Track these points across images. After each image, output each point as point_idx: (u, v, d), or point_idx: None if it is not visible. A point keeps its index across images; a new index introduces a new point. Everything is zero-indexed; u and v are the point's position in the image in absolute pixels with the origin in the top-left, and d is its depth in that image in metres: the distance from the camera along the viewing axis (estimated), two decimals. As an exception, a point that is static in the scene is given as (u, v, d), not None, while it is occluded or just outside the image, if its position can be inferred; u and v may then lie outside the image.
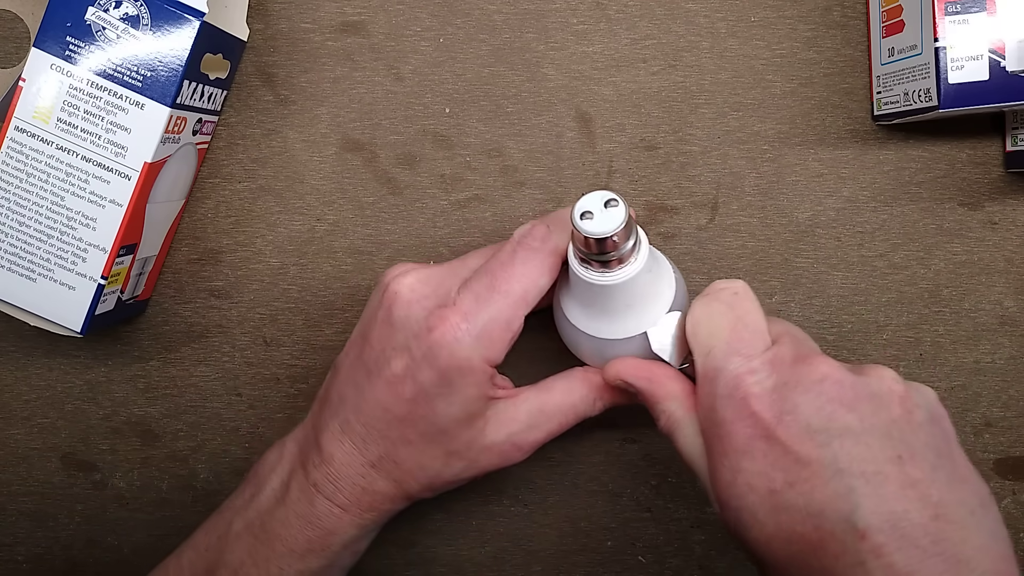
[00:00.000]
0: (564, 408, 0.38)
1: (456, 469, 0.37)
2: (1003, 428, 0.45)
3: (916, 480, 0.30)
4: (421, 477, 0.37)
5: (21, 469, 0.46)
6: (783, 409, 0.31)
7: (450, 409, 0.36)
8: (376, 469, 0.37)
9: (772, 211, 0.44)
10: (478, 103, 0.44)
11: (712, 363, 0.33)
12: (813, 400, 0.31)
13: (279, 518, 0.37)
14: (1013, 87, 0.38)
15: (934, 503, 0.29)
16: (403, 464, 0.37)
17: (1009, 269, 0.44)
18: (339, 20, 0.44)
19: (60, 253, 0.39)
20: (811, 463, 0.30)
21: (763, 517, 0.31)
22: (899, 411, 0.31)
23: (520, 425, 0.37)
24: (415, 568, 0.46)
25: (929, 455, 0.31)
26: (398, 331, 0.36)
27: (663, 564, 0.45)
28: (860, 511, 0.29)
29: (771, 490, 0.31)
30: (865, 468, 0.30)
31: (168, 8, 0.37)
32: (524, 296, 0.35)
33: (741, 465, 0.31)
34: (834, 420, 0.31)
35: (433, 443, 0.36)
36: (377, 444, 0.36)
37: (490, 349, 0.35)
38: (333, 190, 0.44)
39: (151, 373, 0.45)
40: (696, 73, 0.44)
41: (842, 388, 0.31)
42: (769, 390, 0.32)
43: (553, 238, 0.36)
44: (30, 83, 0.38)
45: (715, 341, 0.34)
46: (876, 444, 0.30)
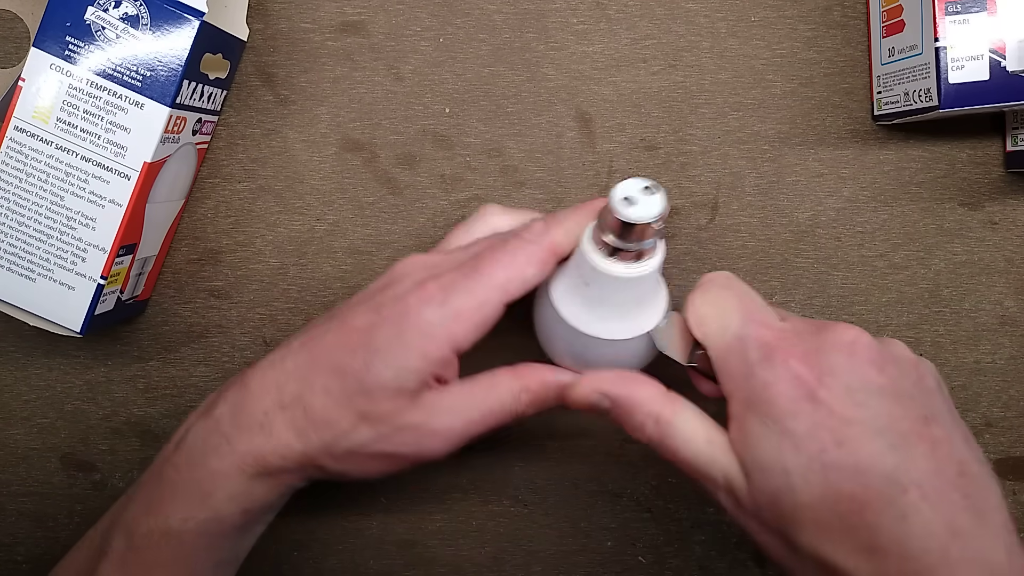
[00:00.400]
0: (488, 399, 0.36)
1: (363, 436, 0.35)
2: (1003, 428, 0.45)
3: (941, 439, 0.31)
4: (324, 433, 0.35)
5: (21, 469, 0.46)
6: (822, 370, 0.32)
7: (385, 371, 0.34)
8: (283, 410, 0.35)
9: (772, 211, 0.44)
10: (478, 103, 0.44)
11: (732, 336, 0.33)
12: (847, 361, 0.32)
13: (172, 463, 0.36)
14: (1013, 87, 0.38)
15: (958, 460, 0.31)
16: (311, 412, 0.35)
17: (1009, 269, 0.44)
18: (339, 20, 0.44)
19: (60, 253, 0.39)
20: (854, 422, 0.31)
21: (812, 478, 0.31)
22: (914, 376, 0.33)
23: (438, 410, 0.36)
24: (415, 568, 0.46)
25: (946, 416, 0.32)
26: (381, 293, 0.36)
27: (663, 564, 0.45)
28: (901, 468, 0.30)
29: (820, 449, 0.31)
30: (901, 427, 0.31)
31: (168, 8, 0.37)
32: (505, 284, 0.35)
33: (788, 427, 0.31)
34: (870, 381, 0.32)
35: (350, 401, 0.35)
36: (297, 383, 0.35)
37: (457, 324, 0.34)
38: (333, 190, 0.44)
39: (151, 373, 0.45)
40: (696, 73, 0.44)
41: (872, 351, 0.32)
42: (805, 352, 0.32)
43: (550, 235, 0.35)
44: (30, 83, 0.38)
45: (729, 317, 0.34)
46: (906, 405, 0.32)
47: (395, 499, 0.46)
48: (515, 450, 0.45)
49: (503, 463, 0.45)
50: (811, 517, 0.31)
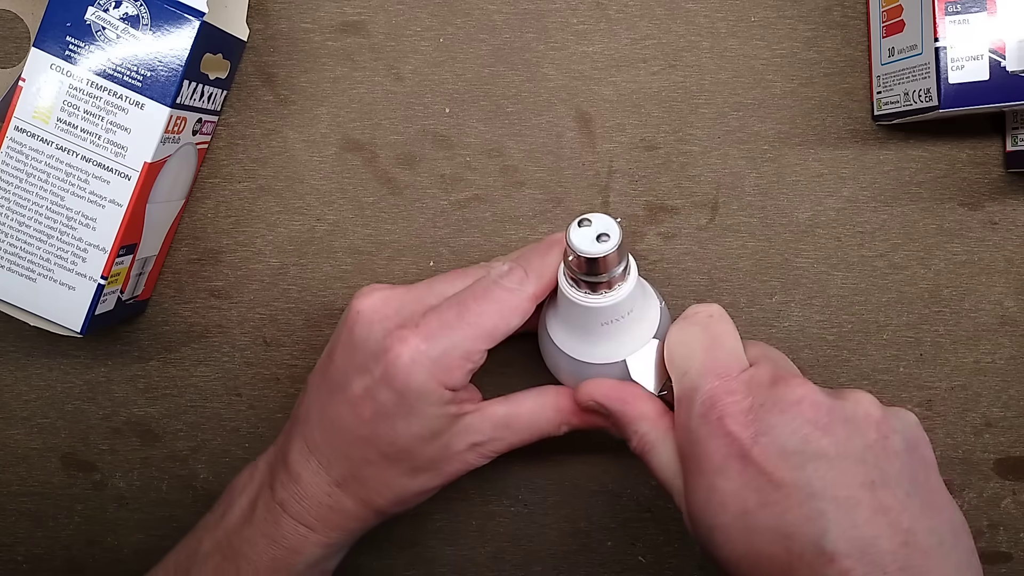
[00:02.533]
0: (530, 426, 0.38)
1: (422, 482, 0.37)
2: (1003, 428, 0.45)
3: (888, 507, 0.30)
4: (387, 494, 0.37)
5: (21, 469, 0.46)
6: (758, 430, 0.31)
7: (410, 428, 0.36)
8: (342, 488, 0.37)
9: (772, 211, 0.44)
10: (478, 103, 0.44)
11: (688, 383, 0.34)
12: (789, 422, 0.31)
13: (246, 537, 0.37)
14: (1013, 87, 0.38)
15: (904, 530, 0.29)
16: (368, 483, 0.37)
17: (1009, 269, 0.44)
18: (339, 20, 0.44)
19: (60, 253, 0.39)
20: (784, 485, 0.30)
21: (735, 536, 0.31)
22: (874, 436, 0.31)
23: (484, 437, 0.38)
24: (415, 568, 0.46)
25: (903, 482, 0.31)
26: (358, 350, 0.36)
27: (663, 564, 0.45)
28: (829, 535, 0.29)
29: (744, 510, 0.31)
30: (837, 493, 0.30)
31: (168, 8, 0.37)
32: (491, 332, 0.36)
33: (716, 484, 0.31)
34: (809, 443, 0.31)
35: (396, 462, 0.36)
36: (341, 464, 0.37)
37: (447, 375, 0.35)
38: (333, 190, 0.44)
39: (151, 373, 0.45)
40: (696, 73, 0.44)
41: (818, 411, 0.31)
42: (745, 410, 0.32)
43: (531, 284, 0.36)
44: (30, 83, 0.38)
45: (691, 362, 0.34)
46: (850, 469, 0.30)
47: (395, 499, 0.46)
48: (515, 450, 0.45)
49: (503, 463, 0.45)
50: (739, 573, 0.31)
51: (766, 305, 0.44)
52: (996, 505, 0.45)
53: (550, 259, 0.36)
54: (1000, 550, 0.45)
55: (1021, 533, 0.45)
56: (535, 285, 0.36)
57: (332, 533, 0.37)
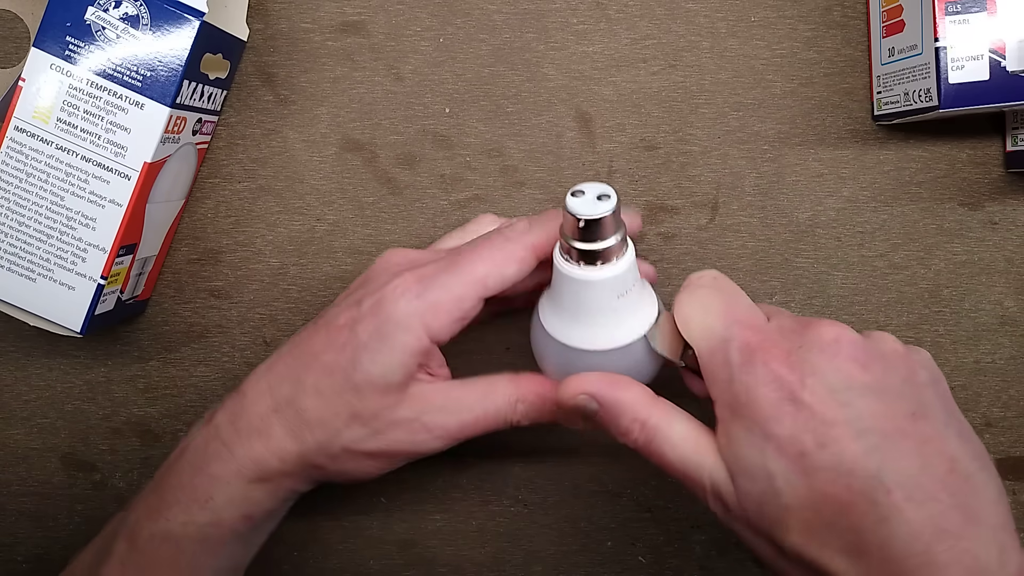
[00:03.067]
0: (484, 402, 0.37)
1: (356, 434, 0.36)
2: (1003, 428, 0.45)
3: (930, 436, 0.31)
4: (319, 433, 0.36)
5: (21, 469, 0.46)
6: (804, 371, 0.31)
7: (372, 367, 0.35)
8: (278, 414, 0.36)
9: (772, 211, 0.44)
10: (478, 103, 0.44)
11: (718, 337, 0.33)
12: (830, 360, 0.31)
13: (175, 469, 0.37)
14: (1013, 87, 0.38)
15: (948, 458, 0.30)
16: (305, 413, 0.36)
17: (1009, 269, 0.44)
18: (339, 20, 0.44)
19: (60, 253, 0.39)
20: (837, 423, 0.30)
21: (796, 480, 0.31)
22: (905, 371, 0.32)
23: (432, 407, 0.36)
24: (415, 568, 0.46)
25: (939, 412, 0.32)
26: (361, 288, 0.37)
27: (663, 564, 0.45)
28: (885, 468, 0.30)
29: (802, 452, 0.31)
30: (886, 425, 0.30)
31: (168, 8, 0.37)
32: (483, 279, 0.35)
33: (770, 430, 0.31)
34: (853, 379, 0.31)
35: (342, 399, 0.35)
36: (289, 385, 0.36)
37: (434, 317, 0.35)
38: (333, 190, 0.44)
39: (151, 373, 0.45)
40: (696, 73, 0.44)
41: (856, 348, 0.32)
42: (787, 353, 0.32)
43: (532, 234, 0.36)
44: (30, 83, 0.38)
45: (713, 318, 0.34)
46: (892, 402, 0.31)
47: (395, 499, 0.46)
48: (515, 450, 0.45)
49: (503, 463, 0.45)
50: (797, 519, 0.31)
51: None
52: (996, 505, 0.45)
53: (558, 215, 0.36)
54: (1000, 550, 0.45)
55: (1021, 533, 0.45)
56: (537, 235, 0.36)
57: (250, 465, 0.36)
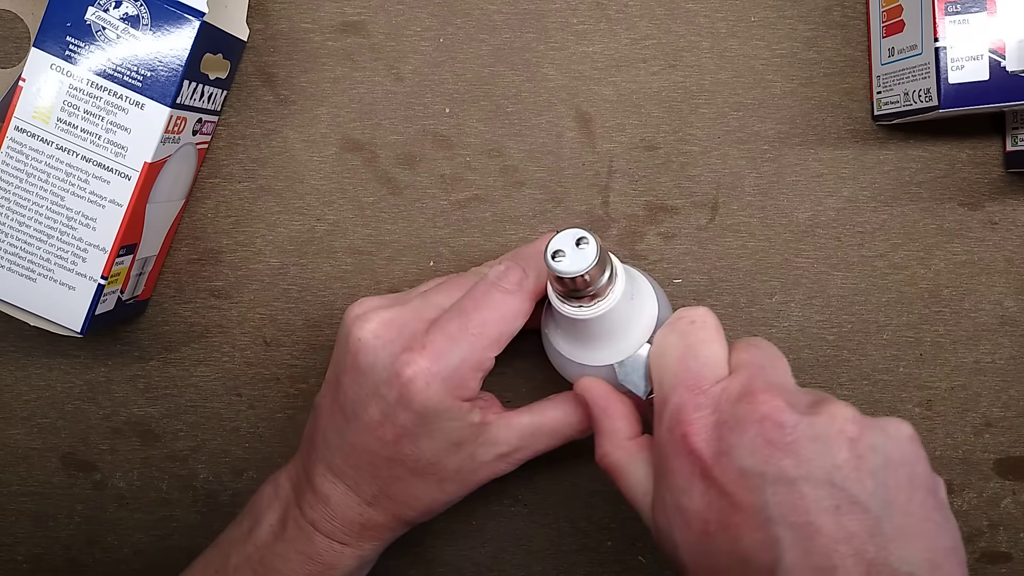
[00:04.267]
0: (555, 432, 0.38)
1: (450, 492, 0.38)
2: (1003, 428, 0.45)
3: (852, 534, 0.28)
4: (417, 506, 0.38)
5: (21, 469, 0.46)
6: (719, 449, 0.30)
7: (435, 444, 0.36)
8: (373, 507, 0.37)
9: (772, 211, 0.44)
10: (478, 103, 0.44)
11: (661, 394, 0.33)
12: (749, 442, 0.30)
13: (279, 553, 0.37)
14: (1013, 87, 0.38)
15: (868, 560, 0.28)
16: (398, 498, 0.37)
17: (1009, 269, 0.44)
18: (339, 20, 0.44)
19: (60, 253, 0.39)
20: (742, 508, 0.29)
21: (696, 557, 0.31)
22: (846, 455, 0.29)
23: (510, 447, 0.38)
24: (415, 568, 0.46)
25: (874, 505, 0.28)
26: (367, 378, 0.36)
27: (663, 564, 0.45)
28: (783, 563, 0.28)
29: (705, 531, 0.30)
30: (796, 518, 0.28)
31: (168, 8, 0.37)
32: (498, 338, 0.36)
33: (680, 502, 0.31)
34: (769, 464, 0.29)
35: (424, 476, 0.37)
36: (369, 484, 0.37)
37: (460, 388, 0.35)
38: (333, 190, 0.44)
39: (151, 373, 0.45)
40: (696, 73, 0.44)
41: (781, 431, 0.29)
42: (710, 427, 0.31)
43: (529, 281, 0.36)
44: (30, 83, 0.38)
45: (665, 373, 0.33)
46: (811, 492, 0.29)
47: (395, 499, 0.46)
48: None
49: (503, 463, 0.45)
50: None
51: (766, 305, 0.44)
52: (996, 505, 0.45)
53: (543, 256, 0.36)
54: (1000, 550, 0.45)
55: (1021, 533, 0.45)
56: (533, 282, 0.36)
57: (365, 545, 0.38)
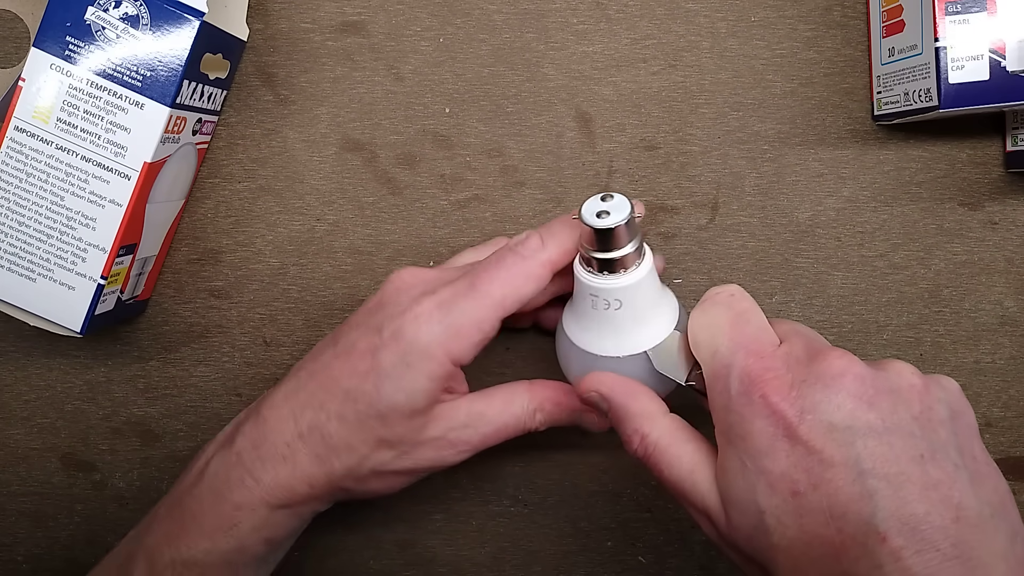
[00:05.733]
0: (502, 416, 0.37)
1: (384, 457, 0.36)
2: (1003, 428, 0.45)
3: (937, 481, 0.29)
4: (346, 458, 0.36)
5: (21, 469, 0.46)
6: (803, 407, 0.30)
7: (396, 395, 0.35)
8: (303, 440, 0.36)
9: (772, 211, 0.44)
10: (478, 103, 0.44)
11: (720, 361, 0.32)
12: (833, 397, 0.30)
13: (194, 495, 0.37)
14: (1013, 87, 0.38)
15: (955, 504, 0.29)
16: (330, 439, 0.36)
17: (1009, 269, 0.44)
18: (339, 20, 0.44)
19: (60, 253, 0.39)
20: (834, 463, 0.29)
21: (786, 520, 0.30)
22: (919, 408, 0.30)
23: (456, 423, 0.37)
24: (415, 568, 0.46)
25: (951, 453, 0.30)
26: (378, 312, 0.36)
27: (663, 564, 0.45)
28: (880, 513, 0.28)
29: (794, 491, 0.30)
30: (887, 469, 0.29)
31: (168, 8, 0.37)
32: (502, 300, 0.35)
33: (763, 466, 0.30)
34: (856, 418, 0.30)
35: (367, 425, 0.36)
36: (313, 412, 0.36)
37: (456, 342, 0.35)
38: (333, 190, 0.44)
39: (151, 373, 0.45)
40: (696, 73, 0.44)
41: (862, 384, 0.30)
42: (788, 385, 0.31)
43: (547, 250, 0.36)
44: (30, 83, 0.38)
45: (720, 340, 0.33)
46: (898, 443, 0.29)
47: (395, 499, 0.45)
48: (515, 450, 0.45)
49: (503, 463, 0.45)
50: (785, 558, 0.30)
51: (766, 305, 0.44)
52: (996, 505, 0.45)
53: (569, 227, 0.36)
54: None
55: (1021, 533, 0.45)
56: (551, 251, 0.36)
57: (278, 492, 0.36)
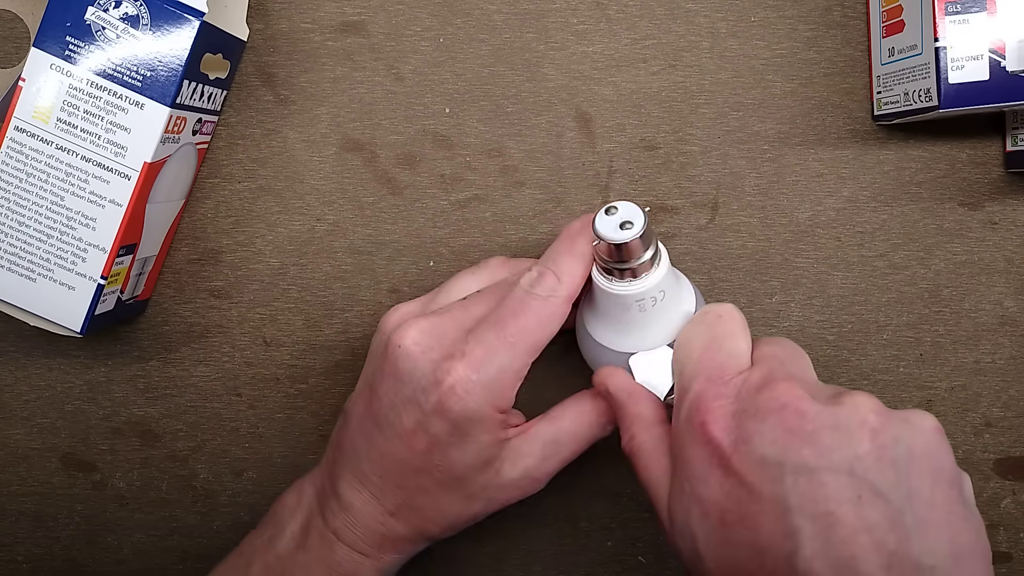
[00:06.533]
0: (577, 435, 0.38)
1: (475, 509, 0.38)
2: (1003, 428, 0.45)
3: (872, 524, 0.28)
4: (441, 521, 0.37)
5: (21, 469, 0.46)
6: (739, 437, 0.30)
7: (465, 457, 0.36)
8: (395, 517, 0.37)
9: (772, 211, 0.44)
10: (478, 103, 0.44)
11: (682, 384, 0.33)
12: (770, 430, 0.29)
13: (300, 563, 0.37)
14: (1013, 87, 0.38)
15: (889, 551, 0.27)
16: (422, 511, 0.37)
17: (1009, 269, 0.44)
18: (339, 20, 0.44)
19: (60, 253, 0.39)
20: (762, 497, 0.29)
21: (714, 548, 0.30)
22: (868, 446, 0.29)
23: (535, 459, 0.37)
24: (415, 568, 0.46)
25: (897, 496, 0.28)
26: (405, 385, 0.36)
27: (663, 564, 0.45)
28: (802, 553, 0.28)
29: (723, 521, 0.30)
30: (814, 508, 0.28)
31: (168, 8, 0.37)
32: (535, 346, 0.36)
33: (698, 492, 0.31)
34: (789, 453, 0.29)
35: (451, 489, 0.37)
36: (394, 494, 0.37)
37: (500, 398, 0.35)
38: (333, 190, 0.44)
39: (151, 373, 0.45)
40: (696, 73, 0.44)
41: (802, 419, 0.29)
42: (729, 415, 0.31)
43: (563, 286, 0.36)
44: (30, 83, 0.38)
45: (687, 362, 0.34)
46: (832, 482, 0.28)
47: (395, 499, 0.46)
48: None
49: (503, 463, 0.45)
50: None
51: (766, 305, 0.44)
52: (996, 505, 0.45)
53: (577, 254, 0.36)
54: (1000, 550, 0.45)
55: (1021, 533, 0.45)
56: (567, 287, 0.36)
57: (385, 557, 0.38)
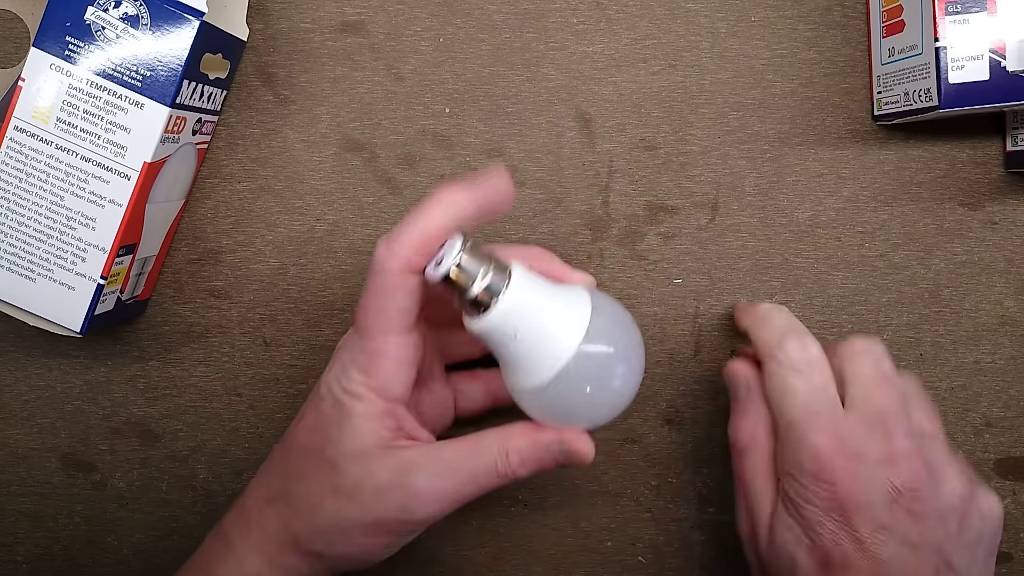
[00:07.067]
0: (474, 461, 0.34)
1: (344, 509, 0.34)
2: (1003, 428, 0.45)
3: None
4: (307, 516, 0.35)
5: (21, 469, 0.46)
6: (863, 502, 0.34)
7: (340, 438, 0.35)
8: (272, 506, 0.36)
9: (772, 211, 0.44)
10: (478, 103, 0.44)
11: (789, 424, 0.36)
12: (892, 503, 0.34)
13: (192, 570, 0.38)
14: (1013, 87, 0.38)
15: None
16: (293, 499, 0.36)
17: (1009, 269, 0.44)
18: (339, 20, 0.44)
19: (60, 253, 0.39)
20: (868, 555, 0.34)
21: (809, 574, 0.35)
22: (955, 527, 0.35)
23: (416, 469, 0.34)
24: (415, 568, 0.46)
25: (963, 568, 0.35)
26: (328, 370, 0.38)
27: (663, 564, 0.45)
28: None
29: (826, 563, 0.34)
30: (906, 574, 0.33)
31: (168, 8, 0.37)
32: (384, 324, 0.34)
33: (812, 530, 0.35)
34: (901, 525, 0.34)
35: (322, 476, 0.35)
36: (278, 477, 0.37)
37: (376, 379, 0.35)
38: (333, 190, 0.44)
39: (151, 373, 0.45)
40: (696, 73, 0.44)
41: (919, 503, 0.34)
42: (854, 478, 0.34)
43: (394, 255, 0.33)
44: (30, 83, 0.38)
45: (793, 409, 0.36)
46: (926, 557, 0.34)
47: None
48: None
49: (503, 463, 0.45)
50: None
51: (766, 305, 0.44)
52: (996, 505, 0.45)
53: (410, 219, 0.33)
54: (1000, 550, 0.45)
55: (1021, 533, 0.45)
56: (399, 253, 0.33)
57: (249, 555, 0.36)
